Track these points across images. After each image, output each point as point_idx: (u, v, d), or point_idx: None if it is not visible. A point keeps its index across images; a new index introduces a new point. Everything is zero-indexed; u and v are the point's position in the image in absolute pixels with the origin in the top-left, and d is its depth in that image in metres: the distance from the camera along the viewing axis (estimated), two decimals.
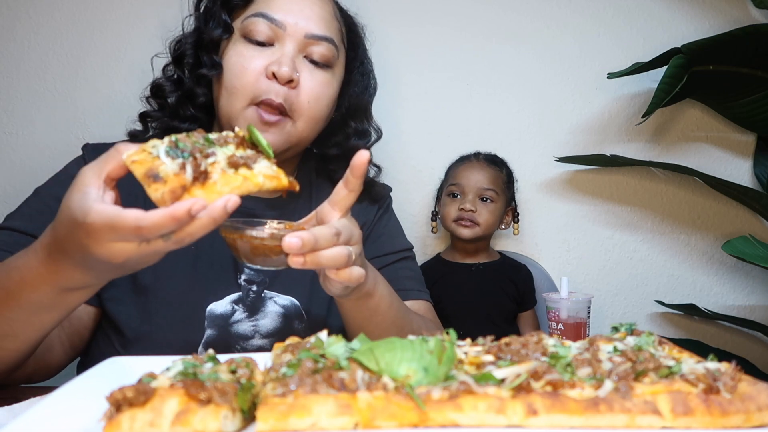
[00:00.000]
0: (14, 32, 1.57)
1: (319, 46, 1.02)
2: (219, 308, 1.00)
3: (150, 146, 0.64)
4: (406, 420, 0.47)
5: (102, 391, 0.51)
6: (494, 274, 1.59)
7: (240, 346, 1.00)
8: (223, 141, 0.69)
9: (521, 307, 1.60)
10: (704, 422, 0.48)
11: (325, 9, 1.06)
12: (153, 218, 0.60)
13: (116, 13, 1.59)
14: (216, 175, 0.63)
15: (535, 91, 1.73)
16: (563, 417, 0.48)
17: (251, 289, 1.02)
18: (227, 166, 0.65)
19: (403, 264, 1.19)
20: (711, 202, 1.78)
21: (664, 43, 1.65)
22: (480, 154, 1.63)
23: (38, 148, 1.59)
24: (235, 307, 1.01)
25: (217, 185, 0.63)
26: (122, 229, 0.61)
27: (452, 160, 1.67)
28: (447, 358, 0.52)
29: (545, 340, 0.58)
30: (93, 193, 0.63)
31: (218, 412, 0.48)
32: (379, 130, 1.27)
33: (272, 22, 1.00)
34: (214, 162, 0.64)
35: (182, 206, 0.60)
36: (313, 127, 1.06)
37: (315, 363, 0.51)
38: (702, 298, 1.78)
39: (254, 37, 1.00)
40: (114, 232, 0.61)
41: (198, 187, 0.62)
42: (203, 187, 0.63)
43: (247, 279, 1.03)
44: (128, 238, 0.61)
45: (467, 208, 1.54)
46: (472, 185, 1.56)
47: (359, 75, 1.19)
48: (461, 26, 1.70)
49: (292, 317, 1.04)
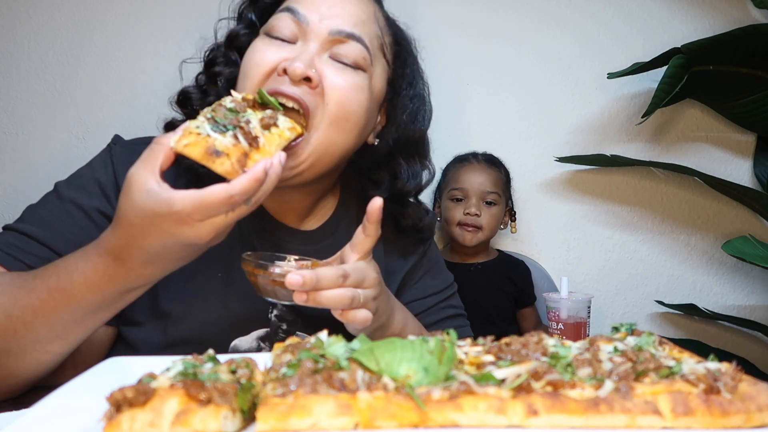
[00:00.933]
0: (14, 32, 1.57)
1: (346, 46, 0.89)
2: (244, 344, 0.93)
3: (194, 127, 0.70)
4: (406, 420, 0.47)
5: (102, 391, 0.51)
6: (493, 273, 1.59)
7: None
8: (243, 108, 0.77)
9: (520, 304, 1.60)
10: (705, 422, 0.48)
11: (362, 9, 0.93)
12: (241, 185, 0.66)
13: (116, 13, 1.59)
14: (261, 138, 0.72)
15: (535, 91, 1.73)
16: (563, 417, 0.48)
17: (281, 327, 0.95)
18: (261, 129, 0.74)
19: (446, 303, 1.14)
20: (711, 202, 1.78)
21: (664, 43, 1.65)
22: (478, 155, 1.63)
23: (38, 148, 1.58)
24: (262, 345, 0.94)
25: (266, 146, 0.72)
26: (213, 204, 0.65)
27: (450, 160, 1.67)
28: (447, 358, 0.52)
29: (545, 340, 0.58)
30: (159, 186, 0.66)
31: (218, 412, 0.48)
32: (432, 170, 1.08)
33: (296, 16, 0.89)
34: (254, 127, 0.73)
35: (259, 168, 0.68)
36: (342, 138, 0.90)
37: (315, 363, 0.51)
38: (702, 298, 1.78)
39: (276, 33, 0.90)
40: (204, 210, 0.66)
41: (255, 150, 0.71)
42: (259, 150, 0.71)
43: (279, 315, 0.95)
44: (219, 210, 0.66)
45: (473, 212, 1.54)
46: (476, 188, 1.55)
47: (408, 99, 1.02)
48: (461, 26, 1.70)
49: None
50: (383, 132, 1.01)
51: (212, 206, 0.65)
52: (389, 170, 1.03)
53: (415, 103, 1.03)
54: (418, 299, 1.11)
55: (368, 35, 0.93)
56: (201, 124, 0.70)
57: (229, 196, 0.65)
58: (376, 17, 0.97)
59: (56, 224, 0.87)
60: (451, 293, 1.16)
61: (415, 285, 1.12)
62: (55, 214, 0.89)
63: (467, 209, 1.55)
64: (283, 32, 0.90)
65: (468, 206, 1.55)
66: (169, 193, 0.65)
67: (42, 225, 0.87)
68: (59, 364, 0.80)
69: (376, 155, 1.02)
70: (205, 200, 0.65)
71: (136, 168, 0.68)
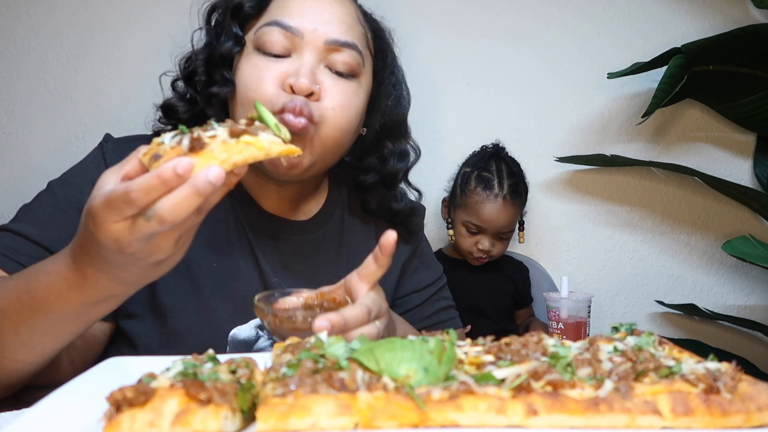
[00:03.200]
0: (14, 32, 1.57)
1: (341, 54, 0.92)
2: (243, 333, 0.94)
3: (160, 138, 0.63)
4: (406, 420, 0.47)
5: (102, 391, 0.51)
6: (494, 272, 1.60)
7: None
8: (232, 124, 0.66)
9: (519, 304, 1.61)
10: (704, 422, 0.48)
11: (347, 12, 0.95)
12: (140, 180, 0.57)
13: (116, 13, 1.59)
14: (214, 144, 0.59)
15: (535, 91, 1.73)
16: (563, 417, 0.48)
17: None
18: (228, 138, 0.61)
19: (438, 295, 1.17)
20: (711, 202, 1.78)
21: (664, 43, 1.65)
22: (504, 183, 1.51)
23: (38, 148, 1.58)
24: (260, 333, 0.95)
25: (214, 152, 0.59)
26: (115, 201, 0.57)
27: (455, 158, 1.65)
28: (447, 358, 0.52)
29: (545, 340, 0.58)
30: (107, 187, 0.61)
31: (218, 412, 0.48)
32: (418, 149, 1.14)
33: (288, 30, 0.90)
34: (214, 135, 0.60)
35: (166, 166, 0.56)
36: (337, 138, 0.94)
37: (315, 363, 0.51)
38: (702, 298, 1.78)
39: (269, 49, 0.90)
40: (111, 209, 0.58)
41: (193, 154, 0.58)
42: (198, 154, 0.58)
43: None
44: (123, 212, 0.58)
45: (486, 249, 1.52)
46: (494, 228, 1.52)
47: (391, 86, 1.07)
48: (461, 26, 1.70)
49: None
50: (369, 120, 1.05)
51: (115, 202, 0.57)
52: (377, 155, 1.07)
53: (397, 89, 1.08)
54: (414, 292, 1.14)
55: (358, 38, 0.96)
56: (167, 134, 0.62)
57: (125, 191, 0.56)
58: (358, 16, 0.99)
59: (50, 223, 0.87)
60: (442, 284, 1.19)
61: (410, 278, 1.14)
62: (49, 213, 0.89)
63: (480, 244, 1.52)
64: (275, 48, 0.90)
65: (481, 242, 1.52)
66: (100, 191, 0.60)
67: (36, 224, 0.87)
68: (30, 376, 0.77)
69: (364, 143, 1.05)
70: (110, 195, 0.58)
71: (107, 170, 0.64)
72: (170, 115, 0.99)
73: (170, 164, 0.56)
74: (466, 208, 1.53)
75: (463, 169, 1.59)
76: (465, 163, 1.61)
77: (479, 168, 1.55)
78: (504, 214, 1.51)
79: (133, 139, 0.99)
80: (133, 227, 0.59)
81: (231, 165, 0.59)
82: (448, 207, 1.62)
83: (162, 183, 0.56)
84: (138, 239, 0.60)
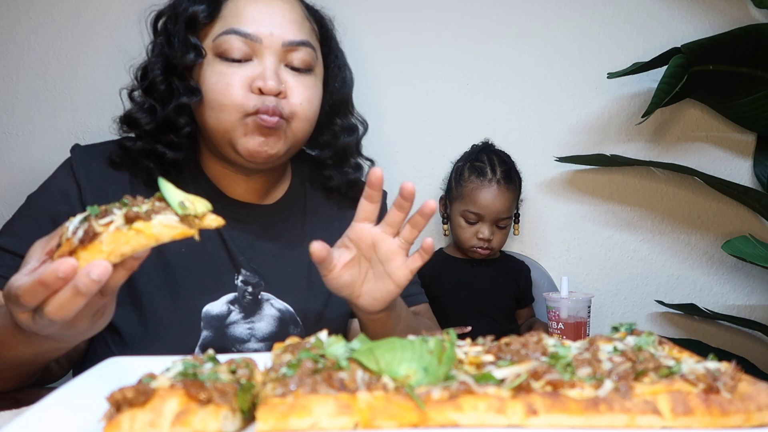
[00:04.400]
0: (14, 32, 1.57)
1: (298, 52, 0.99)
2: (215, 309, 0.99)
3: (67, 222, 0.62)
4: (406, 420, 0.47)
5: (102, 391, 0.51)
6: (496, 271, 1.59)
7: (236, 350, 1.00)
8: (140, 202, 0.64)
9: (520, 303, 1.61)
10: (704, 422, 0.48)
11: (296, 12, 1.02)
12: (25, 285, 0.58)
13: (116, 13, 1.59)
14: (105, 235, 0.59)
15: (535, 91, 1.73)
16: (563, 417, 0.48)
17: (247, 290, 1.02)
18: (123, 224, 0.60)
19: None
20: (711, 202, 1.78)
21: (664, 43, 1.65)
22: (496, 169, 1.54)
23: (38, 148, 1.59)
24: (231, 308, 1.01)
25: (102, 245, 0.58)
26: (11, 297, 0.60)
27: (454, 157, 1.65)
28: (447, 358, 0.52)
29: (545, 340, 0.58)
30: (29, 265, 0.63)
31: (218, 412, 0.48)
32: (364, 122, 1.21)
33: (247, 37, 0.95)
34: (110, 222, 0.60)
35: (48, 268, 0.57)
36: (306, 128, 1.03)
37: (315, 363, 0.51)
38: (702, 298, 1.78)
39: (230, 56, 0.95)
40: (10, 303, 0.62)
41: (82, 249, 0.58)
42: (86, 249, 0.58)
43: (244, 280, 1.03)
44: (20, 307, 0.61)
45: (486, 238, 1.52)
46: (492, 214, 1.52)
47: (336, 69, 1.14)
48: (461, 26, 1.70)
49: (287, 322, 1.04)
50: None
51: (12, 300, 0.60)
52: (330, 132, 1.15)
53: (342, 70, 1.16)
54: None
55: (309, 35, 1.03)
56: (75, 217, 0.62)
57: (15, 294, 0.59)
58: (305, 12, 1.06)
59: (26, 233, 0.90)
60: None
61: None
62: (24, 224, 0.96)
63: (480, 233, 1.53)
64: (236, 54, 0.96)
65: (481, 230, 1.53)
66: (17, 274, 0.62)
67: (14, 235, 0.94)
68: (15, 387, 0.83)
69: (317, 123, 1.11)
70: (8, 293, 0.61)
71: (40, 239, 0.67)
72: (133, 125, 1.02)
73: (52, 266, 0.57)
74: (462, 198, 1.56)
75: (456, 164, 1.62)
76: (457, 160, 1.64)
77: (471, 160, 1.58)
78: (500, 199, 1.53)
79: (98, 146, 1.06)
80: (34, 319, 0.62)
81: (119, 257, 0.59)
82: (444, 203, 1.63)
83: (45, 287, 0.58)
84: (40, 325, 0.62)
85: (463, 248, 1.58)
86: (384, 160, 1.68)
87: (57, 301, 0.59)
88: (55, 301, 0.59)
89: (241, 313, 1.01)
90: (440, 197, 1.65)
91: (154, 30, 1.04)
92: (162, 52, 1.01)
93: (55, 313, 0.59)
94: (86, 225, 0.59)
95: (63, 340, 0.70)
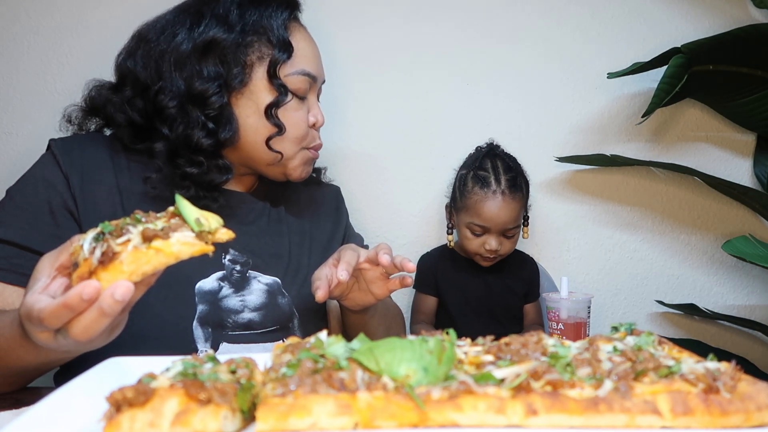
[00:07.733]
0: (14, 32, 1.57)
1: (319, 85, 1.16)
2: (207, 285, 1.05)
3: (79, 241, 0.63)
4: (406, 420, 0.47)
5: (102, 391, 0.51)
6: (503, 271, 1.57)
7: (231, 320, 1.05)
8: (154, 218, 0.65)
9: (527, 298, 1.59)
10: (704, 422, 0.48)
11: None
12: (49, 308, 0.59)
13: (116, 13, 1.59)
14: (125, 254, 0.59)
15: (535, 90, 1.73)
16: (563, 417, 0.48)
17: (235, 269, 1.08)
18: (141, 242, 0.60)
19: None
20: (711, 202, 1.78)
21: (664, 43, 1.65)
22: (500, 178, 1.50)
23: (38, 148, 1.58)
24: (222, 284, 1.06)
25: (123, 265, 0.59)
26: (33, 319, 0.61)
27: (454, 158, 1.65)
28: (447, 358, 0.52)
29: (545, 340, 0.58)
30: (40, 282, 0.64)
31: (218, 412, 0.48)
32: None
33: (311, 78, 1.10)
34: (127, 240, 0.60)
35: (73, 292, 0.58)
36: None
37: (315, 363, 0.51)
38: (702, 298, 1.78)
39: (302, 95, 1.10)
40: (31, 324, 0.63)
41: (102, 269, 0.59)
42: (107, 269, 0.59)
43: (232, 259, 1.09)
44: (42, 328, 0.62)
45: (493, 249, 1.49)
46: (498, 226, 1.48)
47: None
48: (461, 26, 1.70)
49: (275, 293, 1.11)
50: None
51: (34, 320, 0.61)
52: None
53: None
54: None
55: None
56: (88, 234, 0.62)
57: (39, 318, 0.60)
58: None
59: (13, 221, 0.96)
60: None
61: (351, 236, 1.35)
62: (8, 212, 0.98)
63: (487, 245, 1.49)
64: (304, 93, 1.10)
65: (488, 242, 1.49)
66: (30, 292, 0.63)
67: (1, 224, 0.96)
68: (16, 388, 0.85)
69: None
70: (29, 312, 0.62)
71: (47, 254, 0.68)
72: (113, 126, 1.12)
73: (77, 290, 0.58)
74: (467, 210, 1.52)
75: (460, 172, 1.58)
76: (461, 166, 1.60)
77: (474, 168, 1.53)
78: (505, 210, 1.48)
79: (73, 137, 1.15)
80: (55, 338, 0.63)
81: (140, 275, 0.60)
82: (450, 211, 1.61)
83: (70, 310, 0.59)
84: (62, 343, 0.64)
85: (470, 255, 1.56)
86: (383, 160, 1.69)
87: (82, 323, 0.60)
88: (81, 323, 0.60)
89: (231, 288, 1.07)
90: (446, 205, 1.62)
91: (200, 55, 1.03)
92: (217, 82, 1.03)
93: (80, 335, 0.61)
94: (103, 244, 0.60)
95: (77, 352, 0.72)
